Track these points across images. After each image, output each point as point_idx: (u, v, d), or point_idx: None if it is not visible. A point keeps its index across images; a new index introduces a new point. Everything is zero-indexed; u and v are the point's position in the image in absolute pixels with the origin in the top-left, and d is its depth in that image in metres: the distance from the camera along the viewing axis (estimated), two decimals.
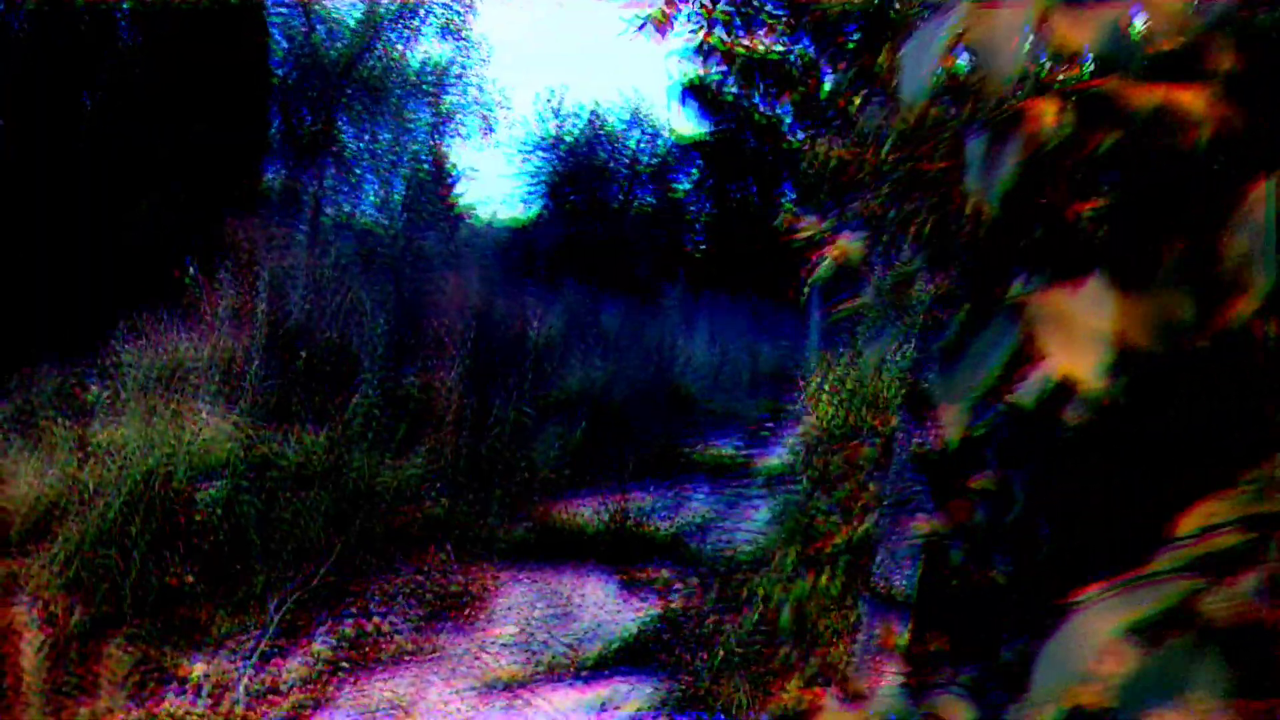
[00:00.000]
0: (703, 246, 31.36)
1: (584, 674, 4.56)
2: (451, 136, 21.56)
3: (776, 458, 9.65)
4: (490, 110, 21.47)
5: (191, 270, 8.23)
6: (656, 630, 5.01)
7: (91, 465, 5.84)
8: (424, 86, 20.10)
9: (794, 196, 30.29)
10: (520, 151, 30.29)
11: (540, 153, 30.81)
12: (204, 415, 6.19)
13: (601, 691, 4.35)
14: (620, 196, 30.35)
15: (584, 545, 6.39)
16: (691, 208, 31.87)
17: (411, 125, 21.60)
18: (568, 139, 31.18)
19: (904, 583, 2.34)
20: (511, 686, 4.52)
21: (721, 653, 4.32)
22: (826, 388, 5.19)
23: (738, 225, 30.11)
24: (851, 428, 4.34)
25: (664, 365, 14.04)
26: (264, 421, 6.65)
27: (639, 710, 4.08)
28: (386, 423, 7.04)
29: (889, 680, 2.01)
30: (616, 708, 4.16)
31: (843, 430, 4.45)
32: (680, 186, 31.73)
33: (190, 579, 5.35)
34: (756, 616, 4.22)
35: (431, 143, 22.61)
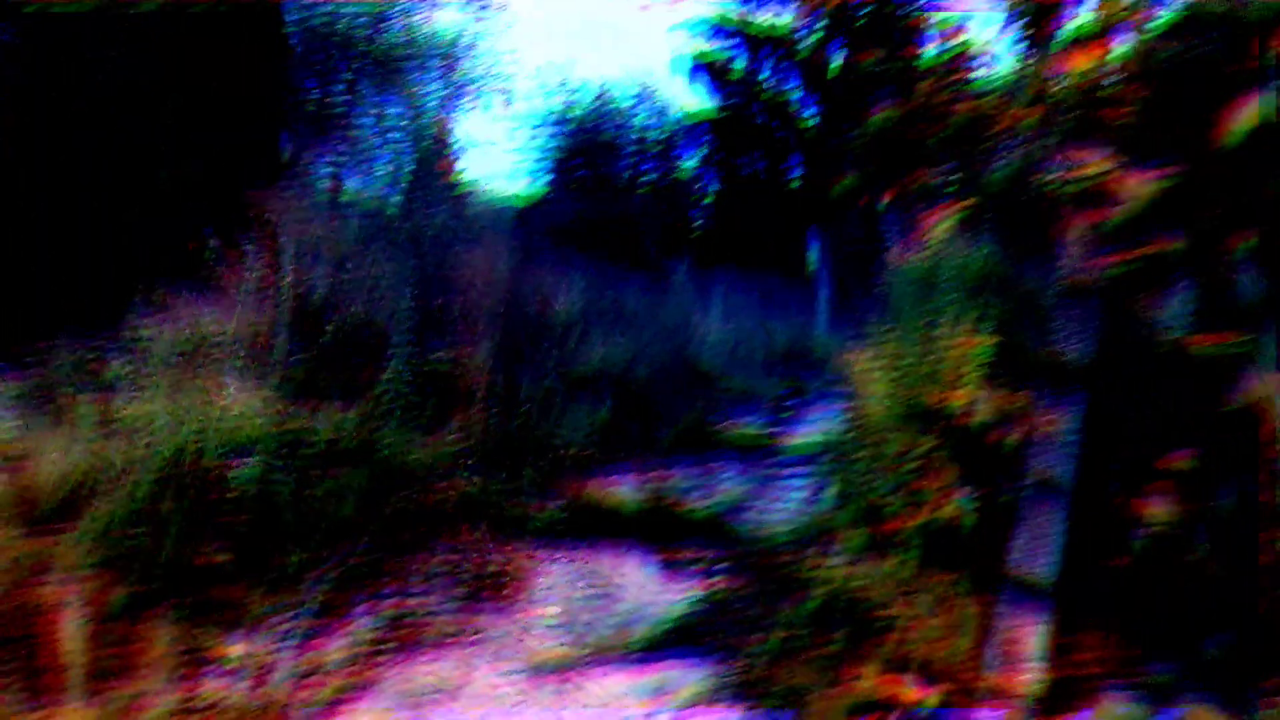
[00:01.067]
0: (710, 223, 31.17)
1: (634, 657, 4.44)
2: (468, 110, 21.33)
3: (806, 436, 9.51)
4: (509, 80, 21.22)
5: (211, 242, 8.06)
6: (704, 612, 4.88)
7: (118, 442, 5.70)
8: (438, 56, 19.84)
9: (801, 172, 30.11)
10: (527, 127, 30.04)
11: (547, 128, 30.56)
12: (232, 391, 6.05)
13: (653, 676, 4.23)
14: (627, 173, 30.13)
15: (621, 524, 6.26)
16: (698, 184, 31.65)
17: (423, 98, 21.38)
18: (574, 114, 30.93)
19: (1047, 570, 2.21)
20: (560, 669, 4.40)
21: (779, 636, 4.20)
22: (878, 363, 5.03)
23: (745, 202, 29.89)
24: (914, 405, 4.19)
25: (681, 342, 13.89)
26: (291, 397, 6.52)
27: (695, 696, 3.96)
28: (415, 399, 6.90)
29: (1031, 676, 1.88)
30: (671, 693, 4.03)
31: (904, 408, 4.30)
32: (688, 163, 31.50)
33: (224, 558, 5.23)
34: (818, 600, 4.08)
35: (440, 116, 22.40)
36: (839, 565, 4.36)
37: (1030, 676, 2.43)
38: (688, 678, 4.17)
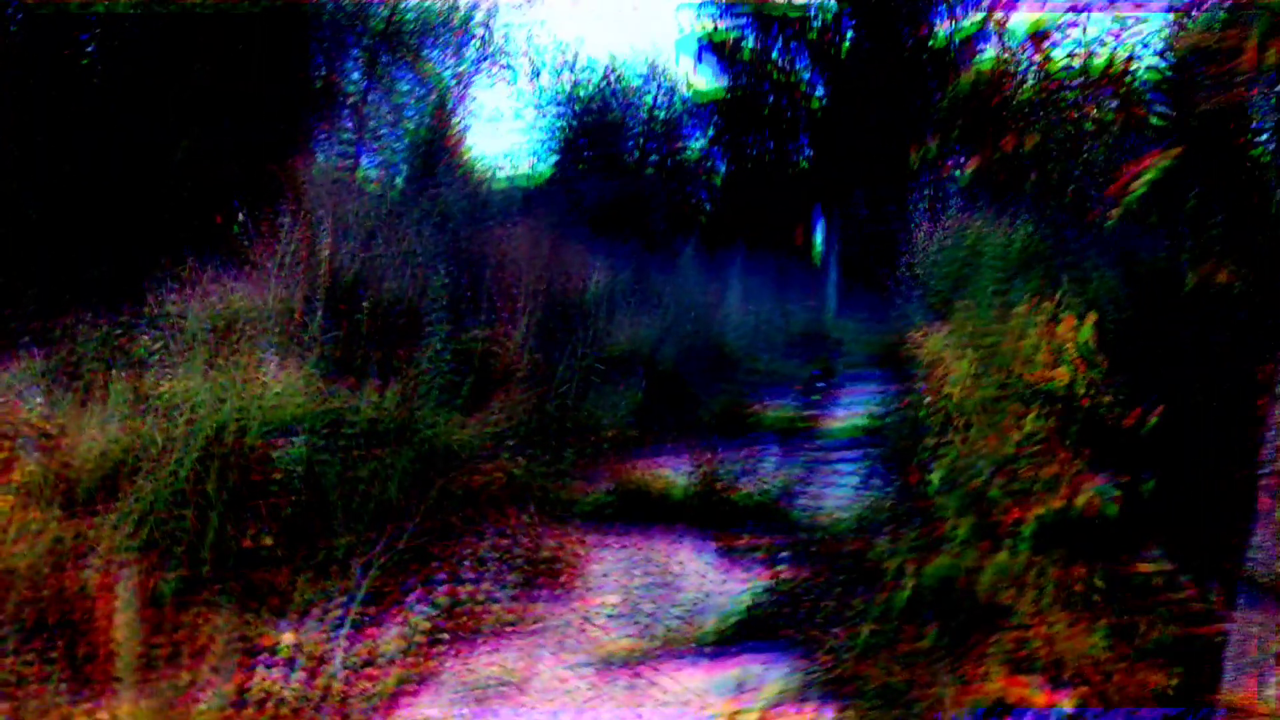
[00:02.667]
0: (719, 203, 30.84)
1: (706, 650, 4.24)
2: (478, 88, 20.99)
3: (845, 419, 9.31)
4: (519, 58, 20.85)
5: (239, 216, 7.82)
6: (773, 604, 4.69)
7: (156, 420, 5.49)
8: (450, 33, 19.49)
9: (810, 153, 29.77)
10: (535, 106, 29.64)
11: (554, 108, 30.17)
12: (272, 368, 5.83)
13: (730, 671, 4.03)
14: (635, 153, 29.77)
15: (670, 509, 6.06)
16: (707, 164, 31.29)
17: (435, 76, 21.07)
18: (582, 94, 30.52)
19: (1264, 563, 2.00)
20: (630, 663, 4.20)
21: (866, 630, 4.00)
22: (954, 341, 4.81)
23: (753, 183, 29.56)
24: (1011, 385, 3.97)
25: (703, 323, 13.66)
26: (328, 375, 6.30)
27: (781, 694, 3.76)
28: (454, 379, 6.68)
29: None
30: (754, 690, 3.84)
31: (998, 389, 4.09)
32: (696, 144, 31.13)
33: (269, 541, 5.02)
34: (908, 592, 3.88)
35: (451, 94, 22.08)
36: (928, 554, 4.16)
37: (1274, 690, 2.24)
38: (768, 674, 3.97)
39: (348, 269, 6.99)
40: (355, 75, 18.03)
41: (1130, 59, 4.16)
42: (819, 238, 32.74)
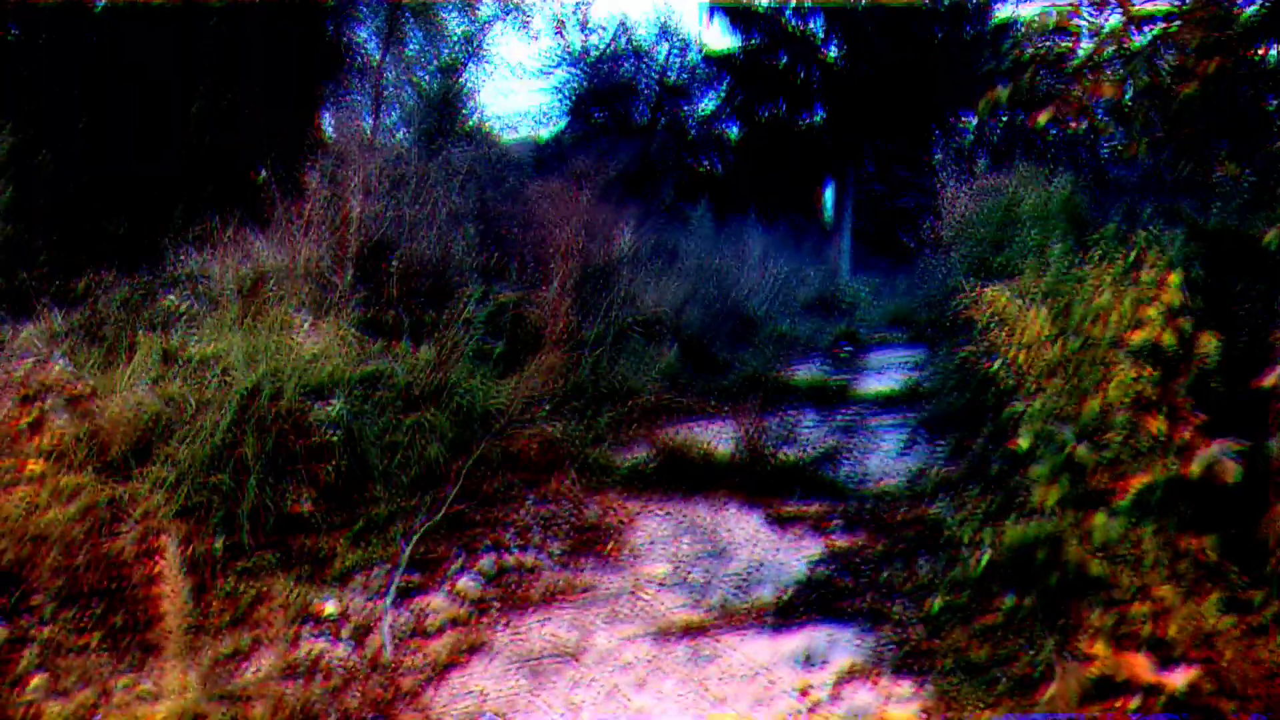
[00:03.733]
0: (730, 166, 30.43)
1: (767, 622, 4.09)
2: (491, 47, 20.59)
3: (877, 383, 9.14)
4: (531, 14, 20.41)
5: (263, 174, 7.61)
6: (831, 573, 4.54)
7: (187, 380, 5.33)
8: None
9: (823, 114, 29.34)
10: (545, 67, 29.15)
11: (565, 67, 29.65)
12: (305, 328, 5.66)
13: (795, 643, 3.89)
14: (646, 115, 29.34)
15: (711, 474, 5.90)
16: (718, 126, 30.85)
17: (448, 37, 20.66)
18: (594, 53, 29.99)
19: None
20: (688, 633, 4.06)
21: (937, 602, 3.84)
22: (1024, 300, 4.60)
23: (766, 145, 29.18)
24: (1097, 344, 3.77)
25: (725, 286, 13.45)
26: (361, 336, 6.12)
27: (853, 668, 3.62)
28: (488, 340, 6.51)
29: None
30: (823, 664, 3.69)
31: (1075, 349, 3.89)
32: (708, 105, 30.66)
33: (308, 506, 4.88)
34: (985, 561, 3.72)
35: (461, 52, 21.67)
36: (1002, 521, 3.99)
37: None
38: (835, 647, 3.83)
39: (375, 228, 6.79)
40: (371, 35, 17.68)
41: None
42: (830, 202, 32.40)
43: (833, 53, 29.11)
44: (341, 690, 3.76)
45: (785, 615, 4.13)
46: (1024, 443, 3.41)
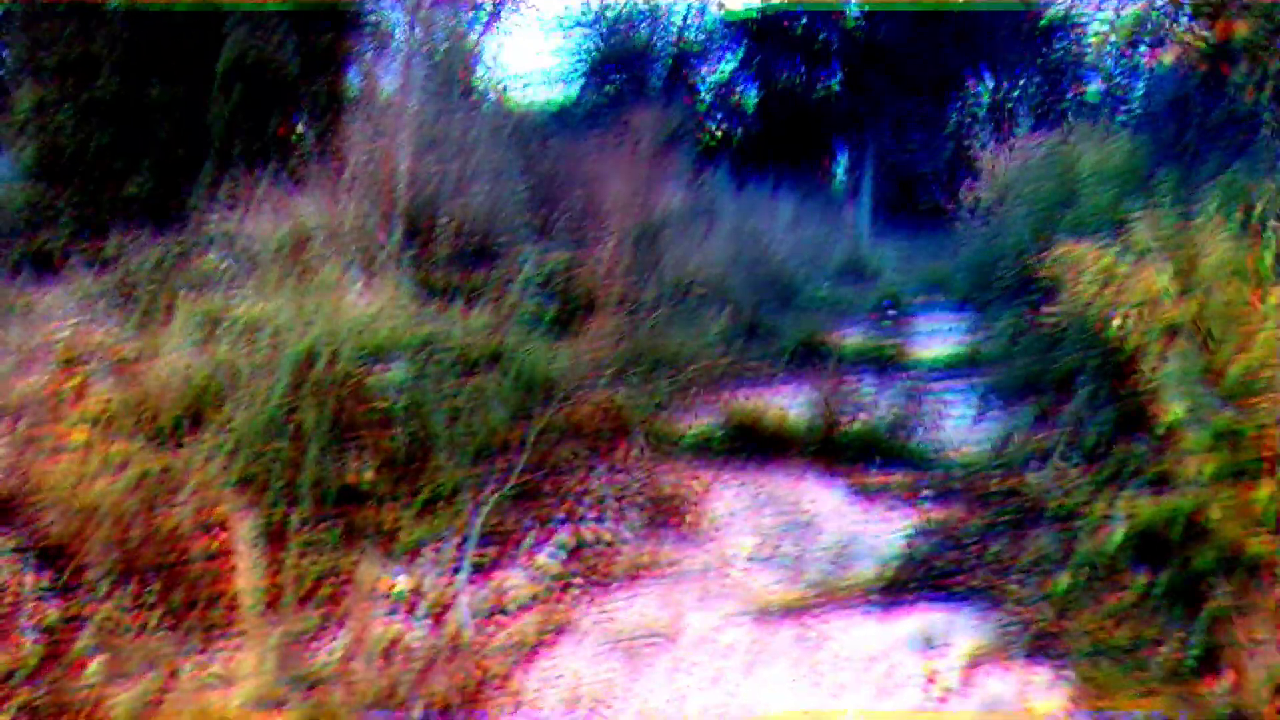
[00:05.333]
0: (749, 129, 29.88)
1: (875, 600, 3.82)
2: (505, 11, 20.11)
3: (932, 347, 8.83)
4: None
5: (299, 128, 7.27)
6: (932, 547, 4.26)
7: (234, 343, 5.03)
8: None
9: (841, 77, 28.76)
10: (560, 27, 28.54)
11: (580, 29, 29.04)
12: (357, 289, 5.36)
13: (909, 623, 3.61)
14: (664, 76, 28.76)
15: (782, 442, 5.61)
16: (737, 89, 30.27)
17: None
18: (610, 14, 29.36)
19: None
20: (791, 612, 3.79)
21: (1064, 580, 3.56)
22: (1140, 259, 4.29)
23: (784, 107, 28.64)
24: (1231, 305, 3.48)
25: (760, 250, 13.08)
26: (411, 298, 5.82)
27: (978, 651, 3.34)
28: (542, 303, 6.21)
29: None
30: (943, 646, 3.41)
31: (1205, 308, 3.59)
32: (726, 67, 30.05)
33: (370, 476, 4.60)
34: (1119, 536, 3.44)
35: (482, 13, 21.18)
36: (1125, 494, 3.71)
37: None
38: (955, 628, 3.55)
39: (423, 184, 6.46)
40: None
41: None
42: (846, 164, 31.87)
43: (852, 13, 28.51)
44: (424, 673, 3.49)
45: (893, 593, 3.85)
46: (1176, 409, 3.09)
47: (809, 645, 3.55)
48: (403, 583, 4.08)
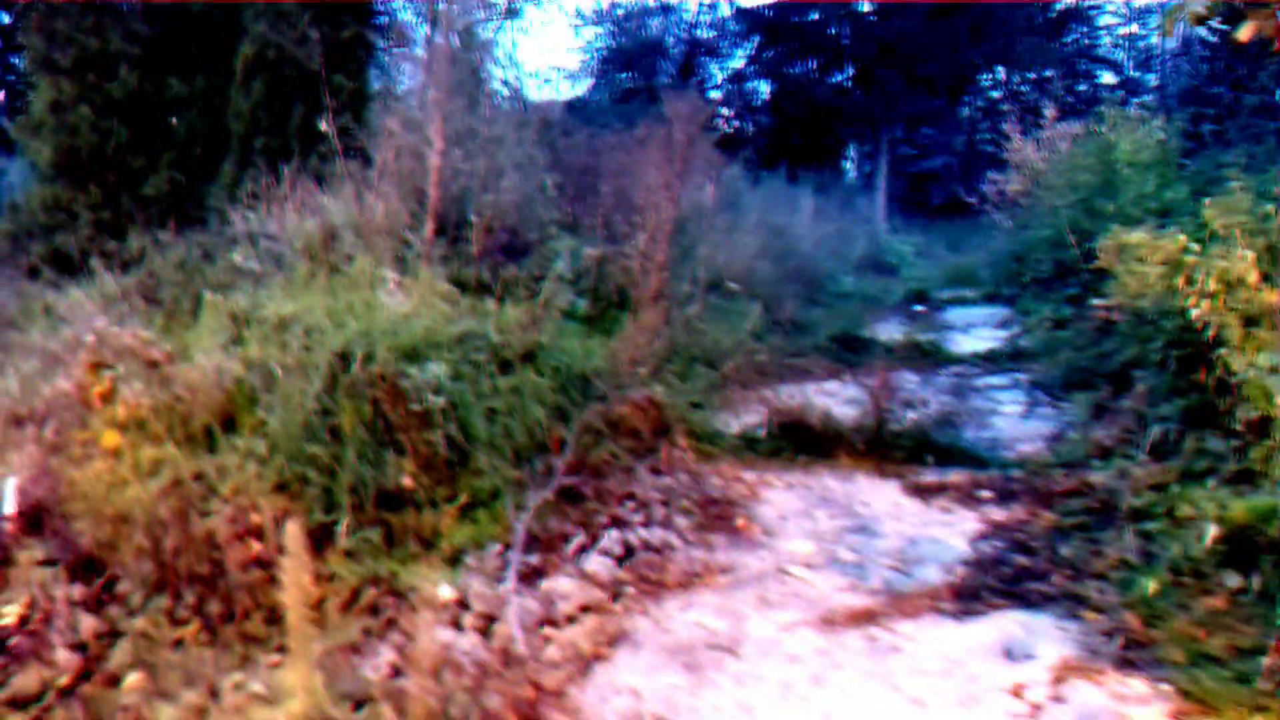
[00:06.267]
0: (761, 125, 29.60)
1: (946, 607, 3.63)
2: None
3: (968, 342, 8.63)
4: None
5: (322, 125, 7.10)
6: (1000, 550, 4.07)
7: (266, 343, 4.87)
8: None
9: (853, 71, 28.49)
10: (572, 23, 28.31)
11: (592, 26, 28.82)
12: (390, 286, 5.19)
13: (986, 631, 3.42)
14: (675, 72, 28.53)
15: (829, 440, 5.42)
16: (748, 83, 30.03)
17: None
18: (621, 8, 29.09)
19: None
20: (858, 620, 3.60)
21: (1149, 585, 3.36)
22: (1218, 247, 4.08)
23: (795, 103, 28.42)
24: None
25: (785, 245, 12.88)
26: (443, 295, 5.64)
27: (1067, 664, 3.14)
28: (577, 299, 6.02)
29: None
30: (1028, 656, 3.22)
31: None
32: (737, 62, 29.81)
33: (408, 482, 4.43)
34: (1208, 536, 3.24)
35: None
36: (1203, 493, 3.51)
37: None
38: (1036, 636, 3.36)
39: (453, 180, 6.28)
40: None
41: None
42: (858, 160, 31.60)
43: (864, 8, 28.24)
44: (476, 688, 3.31)
45: (965, 599, 3.66)
46: (1267, 403, 2.89)
47: (881, 655, 3.36)
48: (447, 591, 3.91)
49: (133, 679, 3.45)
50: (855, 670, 3.28)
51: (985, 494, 4.67)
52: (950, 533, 4.32)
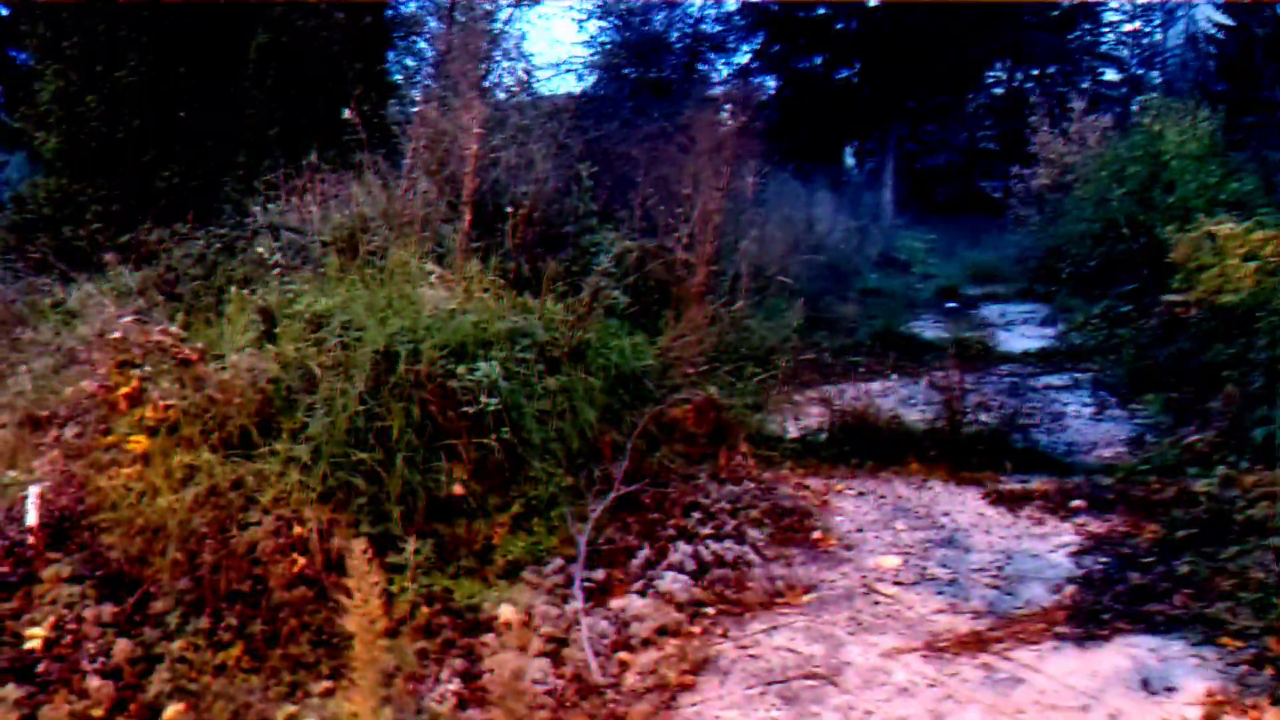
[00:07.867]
0: (768, 122, 29.25)
1: (1063, 633, 3.31)
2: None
3: (1015, 340, 8.32)
4: None
5: (346, 113, 6.76)
6: (1107, 566, 3.74)
7: (300, 341, 4.53)
8: None
9: (860, 66, 28.18)
10: (576, 17, 27.95)
11: (596, 21, 28.43)
12: (431, 279, 4.86)
13: (1114, 659, 3.10)
14: (680, 68, 28.16)
15: (897, 443, 5.10)
16: (753, 79, 29.66)
17: None
18: (625, 4, 28.71)
19: None
20: (967, 646, 3.28)
21: None
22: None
23: (802, 99, 28.08)
24: None
25: (811, 243, 12.55)
26: (493, 287, 5.30)
27: (1213, 696, 2.83)
28: (623, 296, 5.69)
29: None
30: (1169, 689, 2.90)
31: None
32: (742, 57, 29.45)
33: (459, 490, 4.10)
34: None
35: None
36: None
37: None
38: (1173, 665, 3.04)
39: (487, 171, 5.96)
40: None
41: None
42: (861, 156, 31.25)
43: (872, 3, 27.90)
44: None
45: (1082, 623, 3.34)
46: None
47: (1000, 687, 3.04)
48: (508, 610, 3.59)
49: (173, 710, 3.12)
50: (976, 705, 2.97)
51: (1077, 503, 4.35)
52: (1047, 546, 4.00)
